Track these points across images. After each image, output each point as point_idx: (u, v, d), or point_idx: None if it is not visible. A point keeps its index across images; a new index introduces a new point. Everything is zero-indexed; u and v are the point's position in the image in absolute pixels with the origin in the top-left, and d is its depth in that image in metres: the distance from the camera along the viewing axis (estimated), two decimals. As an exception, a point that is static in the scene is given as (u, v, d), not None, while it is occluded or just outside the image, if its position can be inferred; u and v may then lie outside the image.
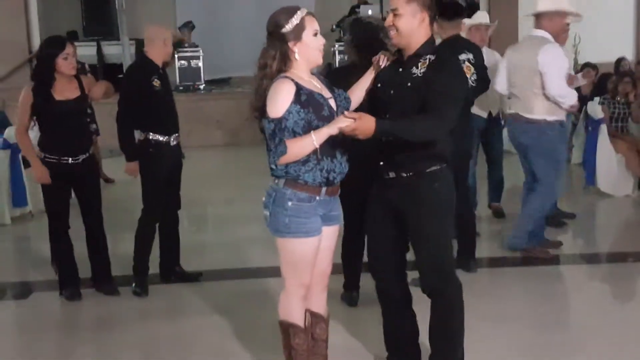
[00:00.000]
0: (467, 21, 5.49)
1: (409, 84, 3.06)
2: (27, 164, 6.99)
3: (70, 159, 4.56)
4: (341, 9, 12.70)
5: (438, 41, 3.52)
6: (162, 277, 5.00)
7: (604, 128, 7.30)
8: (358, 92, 3.26)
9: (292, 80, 2.95)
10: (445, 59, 3.16)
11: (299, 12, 2.98)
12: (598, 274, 5.34)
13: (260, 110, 2.99)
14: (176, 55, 11.72)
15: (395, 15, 3.04)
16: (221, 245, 6.04)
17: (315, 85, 3.05)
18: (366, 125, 2.88)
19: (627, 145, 7.27)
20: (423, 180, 3.13)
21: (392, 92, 3.13)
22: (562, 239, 5.73)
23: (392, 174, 3.15)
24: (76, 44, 12.08)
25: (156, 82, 4.67)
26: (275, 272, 5.00)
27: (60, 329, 4.48)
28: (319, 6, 12.06)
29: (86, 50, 11.02)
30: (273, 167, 2.99)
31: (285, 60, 2.99)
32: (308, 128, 2.93)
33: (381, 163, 3.18)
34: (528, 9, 5.48)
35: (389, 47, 3.59)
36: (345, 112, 2.95)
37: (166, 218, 4.92)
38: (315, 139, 2.91)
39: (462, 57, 4.70)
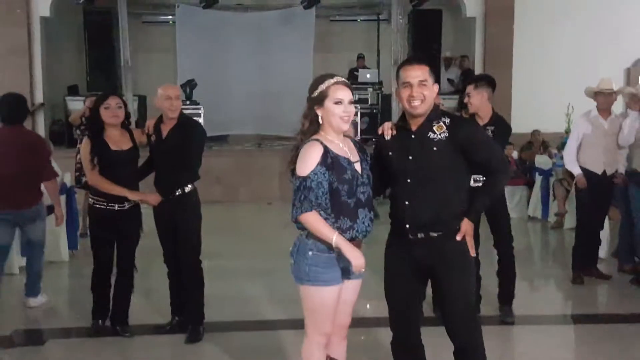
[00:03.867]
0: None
1: (435, 148, 3.25)
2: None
3: (116, 205, 4.83)
4: (339, 72, 13.03)
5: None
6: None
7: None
8: None
9: (321, 143, 3.17)
10: (460, 117, 3.50)
11: (327, 81, 3.23)
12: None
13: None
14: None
15: (423, 85, 3.26)
16: (228, 299, 6.11)
17: (344, 149, 3.25)
18: (468, 225, 3.26)
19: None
20: (452, 239, 3.28)
21: (410, 157, 3.29)
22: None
23: (420, 235, 3.27)
24: (77, 98, 12.26)
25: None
26: (284, 325, 5.19)
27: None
28: (317, 69, 12.39)
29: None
30: (294, 221, 3.19)
31: (314, 122, 3.24)
32: (329, 188, 3.14)
33: (407, 226, 3.29)
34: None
35: None
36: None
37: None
38: (335, 240, 3.11)
39: None
